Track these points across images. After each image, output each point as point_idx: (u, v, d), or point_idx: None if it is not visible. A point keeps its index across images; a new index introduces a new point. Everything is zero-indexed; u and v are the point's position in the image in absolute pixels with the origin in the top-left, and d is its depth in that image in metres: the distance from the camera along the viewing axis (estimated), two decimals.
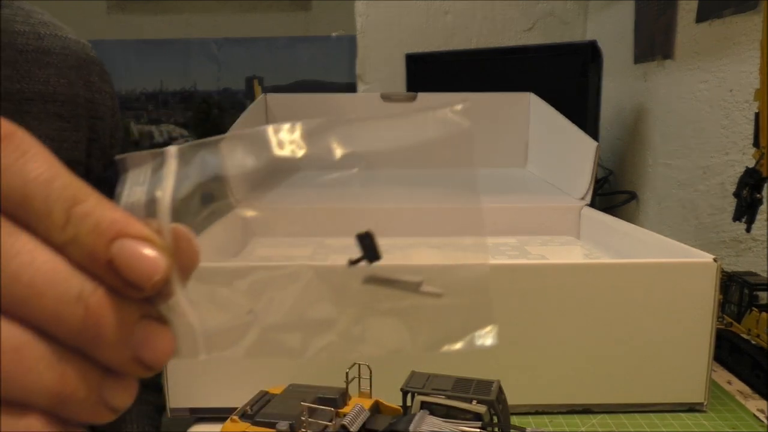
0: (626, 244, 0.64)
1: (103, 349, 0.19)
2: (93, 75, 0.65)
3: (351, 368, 0.39)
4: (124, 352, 0.19)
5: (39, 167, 0.19)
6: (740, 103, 0.86)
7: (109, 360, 0.19)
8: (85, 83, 0.64)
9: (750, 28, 0.83)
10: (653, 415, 0.51)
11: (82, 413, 0.19)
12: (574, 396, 0.51)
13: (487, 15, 1.56)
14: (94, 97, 0.65)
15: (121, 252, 0.19)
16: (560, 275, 0.49)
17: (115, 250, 0.19)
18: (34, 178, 0.19)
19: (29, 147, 0.19)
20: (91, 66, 0.65)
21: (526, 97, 0.95)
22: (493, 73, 1.27)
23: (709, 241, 0.93)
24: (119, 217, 0.19)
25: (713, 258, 0.49)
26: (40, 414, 0.19)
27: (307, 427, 0.35)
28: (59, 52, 0.61)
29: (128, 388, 0.20)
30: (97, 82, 0.65)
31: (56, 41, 0.61)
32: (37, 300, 0.18)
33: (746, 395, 0.55)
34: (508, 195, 0.82)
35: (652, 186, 1.12)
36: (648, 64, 1.13)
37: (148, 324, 0.20)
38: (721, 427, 0.49)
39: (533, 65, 1.21)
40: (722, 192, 0.90)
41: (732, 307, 0.62)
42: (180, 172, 0.21)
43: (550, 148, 0.90)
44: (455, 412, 0.36)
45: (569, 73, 1.12)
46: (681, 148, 1.01)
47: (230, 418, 0.38)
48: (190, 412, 0.51)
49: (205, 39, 2.75)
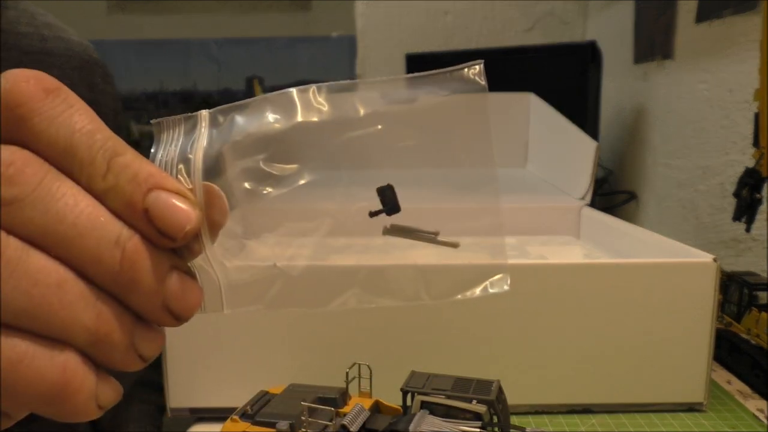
0: (626, 244, 0.64)
1: (136, 294, 0.20)
2: (96, 76, 0.65)
3: (351, 368, 0.39)
4: (155, 299, 0.20)
5: (83, 119, 0.20)
6: (740, 103, 0.86)
7: (141, 306, 0.21)
8: (88, 85, 0.64)
9: (750, 29, 0.83)
10: (653, 414, 0.51)
11: (114, 357, 0.20)
12: (574, 396, 0.51)
13: (487, 15, 1.56)
14: (97, 99, 0.65)
15: (156, 202, 0.20)
16: (560, 275, 0.49)
17: (151, 201, 0.20)
18: (80, 128, 0.20)
19: (74, 101, 0.20)
20: (94, 67, 0.65)
21: (526, 97, 0.95)
22: (493, 73, 1.26)
23: (708, 241, 0.93)
24: (155, 171, 0.21)
25: (713, 258, 0.49)
26: (76, 352, 0.20)
27: (307, 426, 0.35)
28: (63, 54, 0.61)
29: (157, 338, 0.22)
30: (100, 83, 0.66)
31: (60, 43, 0.61)
32: (79, 240, 0.19)
33: (746, 395, 0.55)
34: (508, 195, 0.82)
35: (651, 186, 1.12)
36: (648, 64, 1.14)
37: (178, 275, 0.21)
38: (720, 426, 0.49)
39: (533, 65, 1.21)
40: (722, 192, 0.90)
41: (732, 307, 0.62)
42: (211, 134, 0.22)
43: (550, 148, 0.90)
44: (455, 412, 0.36)
45: (569, 73, 1.12)
46: (681, 148, 1.01)
47: (230, 418, 0.38)
48: (190, 412, 0.51)
49: (205, 39, 2.75)
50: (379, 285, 0.24)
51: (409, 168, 0.24)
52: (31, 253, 0.19)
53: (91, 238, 0.19)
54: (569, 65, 1.12)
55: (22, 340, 0.19)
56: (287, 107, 0.23)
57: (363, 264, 0.24)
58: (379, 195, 0.24)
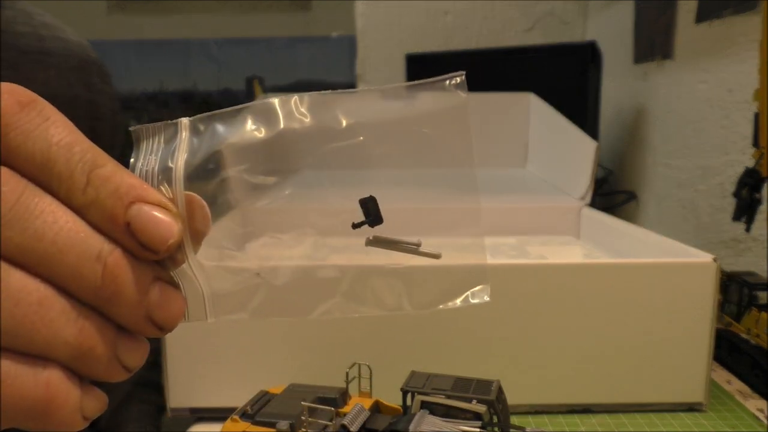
0: (626, 244, 0.64)
1: (119, 307, 0.20)
2: (94, 76, 0.65)
3: (351, 368, 0.39)
4: (138, 310, 0.20)
5: (61, 132, 0.20)
6: (740, 103, 0.86)
7: (124, 318, 0.20)
8: (85, 84, 0.63)
9: (750, 28, 0.83)
10: (653, 414, 0.51)
11: (98, 369, 0.20)
12: (574, 396, 0.51)
13: (487, 15, 1.56)
14: (95, 99, 0.65)
15: (138, 216, 0.20)
16: (560, 275, 0.49)
17: (133, 214, 0.20)
18: (57, 142, 0.20)
19: (51, 113, 0.20)
20: (92, 67, 0.64)
21: (526, 97, 0.95)
22: (493, 73, 1.27)
23: (708, 241, 0.93)
24: (136, 183, 0.20)
25: (713, 258, 0.49)
26: (59, 368, 0.20)
27: (307, 426, 0.35)
28: (60, 54, 0.60)
29: (141, 348, 0.21)
30: (98, 83, 0.65)
31: (57, 43, 0.60)
32: (59, 257, 0.19)
33: (746, 395, 0.55)
34: (508, 195, 0.82)
35: (651, 186, 1.12)
36: (648, 64, 1.14)
37: (161, 286, 0.21)
38: (720, 426, 0.49)
39: (533, 65, 1.21)
40: (722, 192, 0.90)
41: (731, 307, 0.62)
42: (192, 142, 0.22)
43: (550, 148, 0.90)
44: (455, 412, 0.36)
45: (569, 73, 1.12)
46: (681, 148, 1.01)
47: (230, 418, 0.38)
48: (190, 412, 0.51)
49: (205, 39, 2.75)
50: (361, 294, 0.24)
51: (392, 168, 0.24)
52: (12, 272, 0.19)
53: (71, 255, 0.19)
54: (569, 65, 1.12)
55: (5, 359, 0.19)
56: (269, 117, 0.22)
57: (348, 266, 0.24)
58: (361, 207, 0.24)
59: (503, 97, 0.95)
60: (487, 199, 0.79)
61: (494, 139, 0.95)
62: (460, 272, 0.24)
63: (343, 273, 0.24)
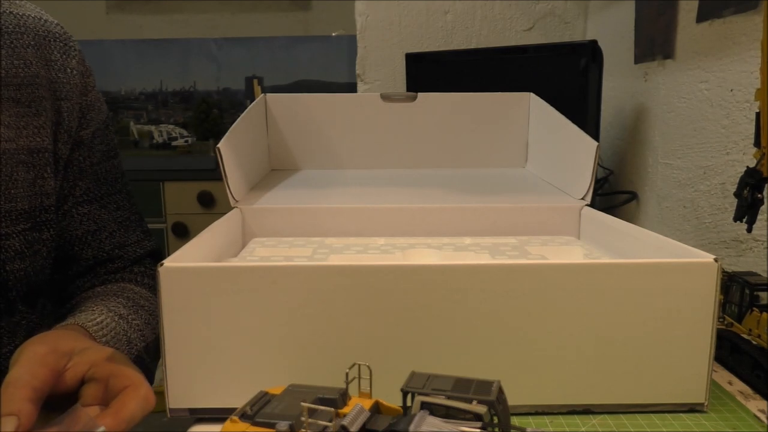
0: (626, 244, 0.64)
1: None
2: (54, 52, 0.60)
3: (351, 368, 0.39)
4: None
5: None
6: (741, 103, 0.86)
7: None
8: (45, 62, 0.59)
9: (750, 28, 0.83)
10: (654, 415, 0.51)
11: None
12: (575, 396, 0.51)
13: (487, 15, 1.56)
14: (57, 77, 0.60)
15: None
16: (560, 275, 0.49)
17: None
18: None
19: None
20: (51, 43, 0.60)
21: (526, 97, 0.95)
22: (493, 73, 1.27)
23: (709, 241, 0.93)
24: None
25: (714, 258, 0.49)
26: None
27: (307, 427, 0.34)
28: (13, 31, 0.57)
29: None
30: (60, 59, 0.61)
31: (10, 19, 0.57)
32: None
33: (747, 395, 0.54)
34: (508, 195, 0.82)
35: (652, 186, 1.12)
36: (648, 64, 1.13)
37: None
38: (721, 427, 0.49)
39: (533, 65, 1.21)
40: (723, 192, 0.90)
41: (733, 308, 0.62)
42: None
43: (550, 148, 0.90)
44: (455, 413, 0.36)
45: (569, 73, 1.11)
46: (681, 147, 1.01)
47: (230, 418, 0.37)
48: (189, 412, 0.51)
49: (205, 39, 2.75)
50: None
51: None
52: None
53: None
54: (569, 65, 1.11)
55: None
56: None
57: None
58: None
59: (503, 97, 0.94)
60: (487, 199, 0.79)
61: (494, 139, 0.95)
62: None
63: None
